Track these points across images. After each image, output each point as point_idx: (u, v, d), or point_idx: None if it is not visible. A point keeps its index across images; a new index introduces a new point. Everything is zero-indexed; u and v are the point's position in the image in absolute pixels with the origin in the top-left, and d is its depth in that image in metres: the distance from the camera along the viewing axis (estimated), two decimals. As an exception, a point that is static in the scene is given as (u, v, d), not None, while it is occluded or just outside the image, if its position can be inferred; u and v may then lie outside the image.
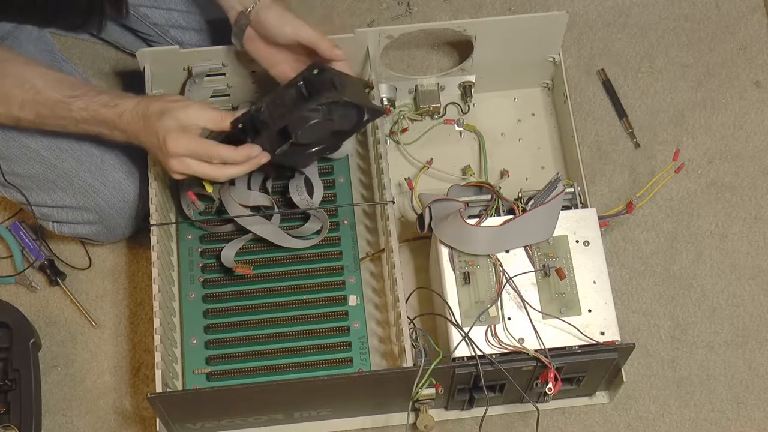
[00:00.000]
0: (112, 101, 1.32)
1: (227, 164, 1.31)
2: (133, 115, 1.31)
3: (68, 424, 1.48)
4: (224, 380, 1.42)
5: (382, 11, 1.77)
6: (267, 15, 1.39)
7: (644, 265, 1.58)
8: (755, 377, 1.51)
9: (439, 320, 1.38)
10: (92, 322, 1.54)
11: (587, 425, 1.48)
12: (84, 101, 1.32)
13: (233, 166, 1.32)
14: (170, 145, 1.29)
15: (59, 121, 1.34)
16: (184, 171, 1.31)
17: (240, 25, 1.41)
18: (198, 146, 1.30)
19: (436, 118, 1.64)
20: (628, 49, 1.73)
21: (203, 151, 1.30)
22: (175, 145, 1.29)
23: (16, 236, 1.56)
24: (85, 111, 1.32)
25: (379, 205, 1.50)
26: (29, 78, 1.33)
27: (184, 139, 1.29)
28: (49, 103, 1.33)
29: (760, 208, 1.61)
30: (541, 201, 1.36)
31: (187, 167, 1.31)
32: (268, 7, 1.39)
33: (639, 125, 1.67)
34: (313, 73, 1.34)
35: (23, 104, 1.33)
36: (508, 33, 1.54)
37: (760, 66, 1.71)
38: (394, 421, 1.46)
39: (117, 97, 1.33)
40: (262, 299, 1.47)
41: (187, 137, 1.29)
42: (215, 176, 1.32)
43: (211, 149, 1.30)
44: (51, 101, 1.33)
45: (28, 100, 1.33)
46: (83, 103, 1.32)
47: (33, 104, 1.33)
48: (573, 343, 1.32)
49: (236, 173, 1.33)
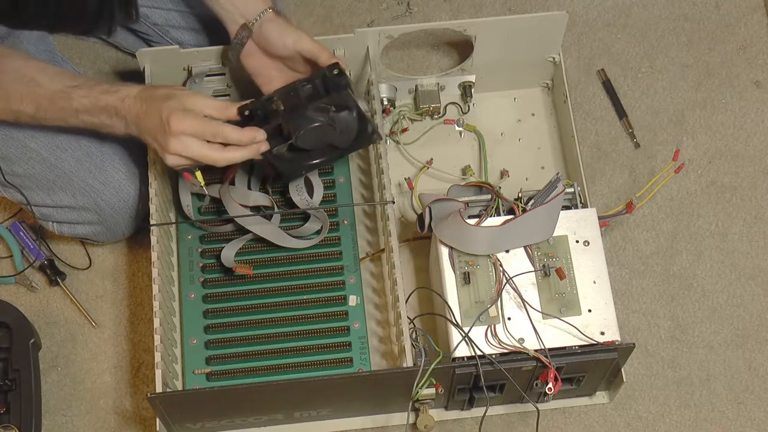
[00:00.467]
0: (113, 87, 1.32)
1: (228, 147, 1.30)
2: (136, 100, 1.30)
3: (68, 424, 1.49)
4: (224, 380, 1.42)
5: (382, 11, 1.77)
6: (269, 27, 1.39)
7: (644, 265, 1.58)
8: (755, 377, 1.51)
9: (439, 320, 1.38)
10: (92, 322, 1.54)
11: (587, 425, 1.48)
12: (84, 90, 1.32)
13: (234, 150, 1.30)
14: (173, 123, 1.27)
15: (59, 112, 1.34)
16: (183, 151, 1.29)
17: (240, 38, 1.40)
18: (202, 124, 1.29)
19: (436, 118, 1.65)
20: (628, 49, 1.73)
21: (208, 129, 1.28)
22: (179, 123, 1.27)
23: (16, 236, 1.56)
24: (86, 98, 1.32)
25: (379, 205, 1.50)
26: (29, 72, 1.33)
27: (188, 118, 1.28)
28: (50, 94, 1.32)
29: (760, 208, 1.61)
30: (541, 201, 1.36)
31: (186, 147, 1.29)
32: (270, 20, 1.39)
33: (639, 125, 1.67)
34: (333, 72, 1.34)
35: (23, 98, 1.33)
36: (508, 33, 1.54)
37: (760, 66, 1.71)
38: (394, 421, 1.46)
39: (118, 84, 1.33)
40: (262, 299, 1.47)
41: (192, 116, 1.29)
42: (214, 159, 1.30)
43: (216, 127, 1.29)
44: (51, 92, 1.32)
45: (28, 93, 1.33)
46: (83, 92, 1.32)
47: (33, 96, 1.33)
48: (573, 343, 1.32)
49: (236, 157, 1.31)
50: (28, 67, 1.34)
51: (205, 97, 1.33)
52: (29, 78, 1.33)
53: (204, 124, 1.29)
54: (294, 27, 1.40)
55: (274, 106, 1.33)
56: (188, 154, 1.29)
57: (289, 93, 1.35)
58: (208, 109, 1.31)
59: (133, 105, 1.31)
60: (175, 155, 1.30)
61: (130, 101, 1.31)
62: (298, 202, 1.48)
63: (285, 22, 1.41)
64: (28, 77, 1.33)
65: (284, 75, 1.44)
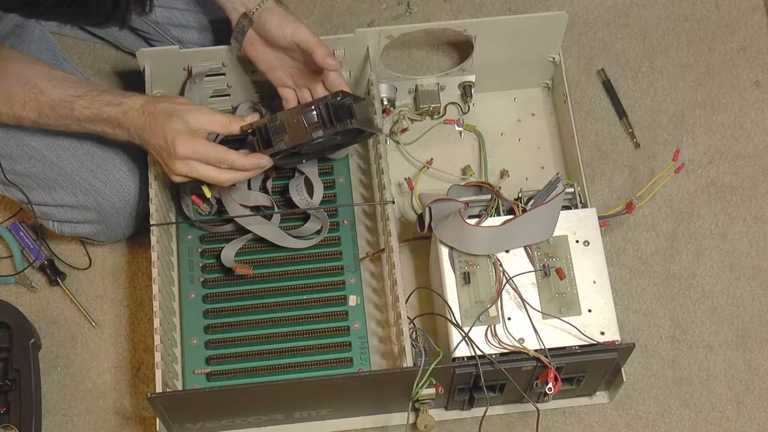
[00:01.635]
0: (116, 99, 1.33)
1: (232, 169, 1.32)
2: (139, 114, 1.31)
3: (68, 424, 1.48)
4: (224, 380, 1.42)
5: (382, 11, 1.77)
6: (269, 17, 1.39)
7: (644, 265, 1.58)
8: (755, 377, 1.51)
9: (439, 320, 1.38)
10: (92, 322, 1.54)
11: (587, 425, 1.48)
12: (87, 100, 1.33)
13: (238, 172, 1.33)
14: (179, 148, 1.29)
15: (61, 120, 1.35)
16: (188, 173, 1.32)
17: (241, 26, 1.41)
18: (208, 150, 1.30)
19: (436, 118, 1.65)
20: (628, 49, 1.73)
21: (213, 156, 1.31)
22: (185, 148, 1.29)
23: (16, 236, 1.56)
24: (88, 109, 1.33)
25: (379, 205, 1.50)
26: (32, 77, 1.34)
27: (193, 143, 1.30)
28: (52, 102, 1.33)
29: (760, 208, 1.61)
30: (541, 201, 1.36)
31: (192, 170, 1.31)
32: (270, 9, 1.39)
33: (639, 125, 1.67)
34: (336, 99, 1.35)
35: (25, 103, 1.33)
36: (508, 33, 1.54)
37: (760, 66, 1.71)
38: (394, 421, 1.46)
39: (121, 95, 1.34)
40: (262, 299, 1.47)
41: (197, 140, 1.30)
42: (219, 180, 1.33)
43: (221, 154, 1.31)
44: (53, 100, 1.33)
45: (31, 99, 1.33)
46: (86, 102, 1.33)
47: (35, 103, 1.33)
48: (573, 343, 1.32)
49: (241, 178, 1.35)
50: (31, 71, 1.34)
51: (208, 112, 1.33)
52: (32, 84, 1.33)
53: (209, 150, 1.31)
54: (294, 17, 1.40)
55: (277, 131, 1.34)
56: (194, 175, 1.32)
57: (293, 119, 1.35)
58: (211, 126, 1.32)
59: (136, 119, 1.31)
60: (181, 176, 1.32)
61: (132, 114, 1.32)
62: (298, 202, 1.48)
63: (285, 11, 1.41)
64: (31, 83, 1.33)
65: (286, 64, 1.44)
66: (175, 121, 1.30)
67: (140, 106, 1.32)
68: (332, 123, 1.35)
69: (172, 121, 1.30)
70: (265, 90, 1.56)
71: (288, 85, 1.46)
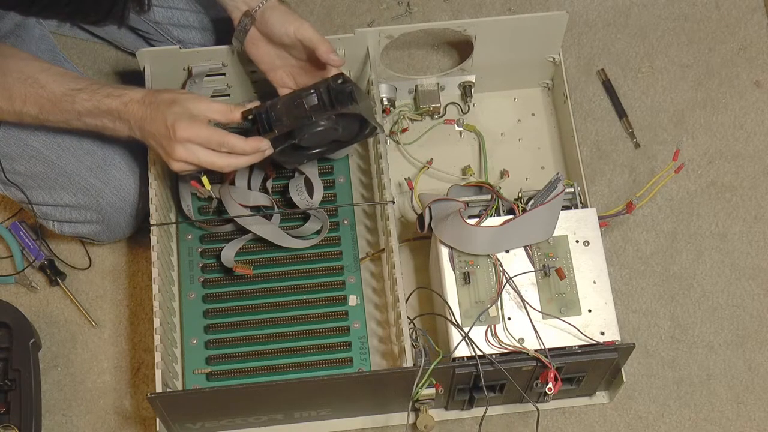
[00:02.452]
0: (117, 92, 1.33)
1: (233, 154, 1.31)
2: (140, 104, 1.31)
3: (68, 424, 1.49)
4: (224, 380, 1.42)
5: (382, 11, 1.77)
6: (272, 14, 1.39)
7: (644, 265, 1.58)
8: (755, 377, 1.51)
9: (439, 320, 1.38)
10: (92, 322, 1.54)
11: (587, 425, 1.48)
12: (88, 93, 1.32)
13: (239, 157, 1.32)
14: (180, 130, 1.28)
15: (62, 114, 1.34)
16: (188, 158, 1.30)
17: (243, 25, 1.41)
18: (208, 133, 1.30)
19: (436, 118, 1.65)
20: (628, 49, 1.73)
21: (213, 139, 1.30)
22: (185, 131, 1.29)
23: (16, 236, 1.56)
24: (89, 102, 1.32)
25: (379, 205, 1.50)
26: (32, 73, 1.34)
27: (194, 125, 1.29)
28: (53, 97, 1.33)
29: (760, 208, 1.61)
30: (541, 201, 1.36)
31: (192, 154, 1.30)
32: (273, 7, 1.40)
33: (639, 125, 1.67)
34: (337, 82, 1.35)
35: (26, 99, 1.33)
36: (508, 33, 1.54)
37: (760, 66, 1.71)
38: (394, 421, 1.46)
39: (122, 88, 1.34)
40: (262, 299, 1.47)
41: (197, 124, 1.30)
42: (220, 165, 1.32)
43: (221, 137, 1.30)
44: (54, 95, 1.33)
45: (31, 94, 1.33)
46: (87, 95, 1.32)
47: (36, 98, 1.33)
48: (573, 343, 1.32)
49: (241, 164, 1.33)
50: (32, 67, 1.34)
51: (209, 101, 1.33)
52: (33, 79, 1.33)
53: (210, 133, 1.30)
54: (296, 15, 1.40)
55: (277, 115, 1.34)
56: (194, 160, 1.31)
57: (294, 101, 1.35)
58: (212, 113, 1.32)
59: (137, 109, 1.31)
60: (181, 161, 1.31)
61: (133, 105, 1.31)
62: (298, 202, 1.48)
63: (287, 9, 1.41)
64: (32, 78, 1.33)
65: (287, 63, 1.44)
66: (177, 107, 1.30)
67: (141, 98, 1.32)
68: (333, 106, 1.34)
69: (174, 107, 1.30)
70: (265, 90, 1.56)
71: (288, 85, 1.46)
